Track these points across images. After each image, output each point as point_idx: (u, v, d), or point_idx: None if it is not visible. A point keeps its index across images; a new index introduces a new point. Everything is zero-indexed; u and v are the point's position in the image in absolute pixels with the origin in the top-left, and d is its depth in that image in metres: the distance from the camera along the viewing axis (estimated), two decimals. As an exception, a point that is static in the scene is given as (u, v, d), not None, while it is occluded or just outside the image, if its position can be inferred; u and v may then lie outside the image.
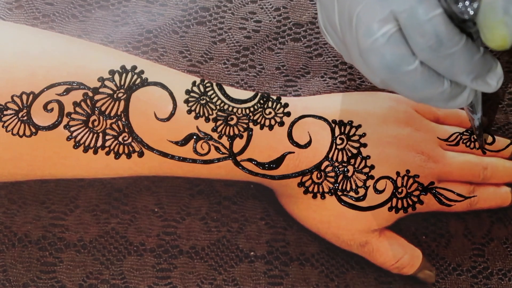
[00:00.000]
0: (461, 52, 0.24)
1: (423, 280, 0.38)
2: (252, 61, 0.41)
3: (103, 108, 0.33)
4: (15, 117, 0.32)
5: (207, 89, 0.35)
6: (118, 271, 0.37)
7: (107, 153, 0.33)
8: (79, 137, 0.32)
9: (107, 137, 0.33)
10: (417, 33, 0.24)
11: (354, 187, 0.35)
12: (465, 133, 0.38)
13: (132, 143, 0.33)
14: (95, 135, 0.33)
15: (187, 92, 0.34)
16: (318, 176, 0.35)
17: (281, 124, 0.35)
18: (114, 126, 0.33)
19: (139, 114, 0.33)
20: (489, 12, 0.22)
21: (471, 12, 0.23)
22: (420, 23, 0.24)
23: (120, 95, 0.33)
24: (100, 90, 0.33)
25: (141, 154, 0.33)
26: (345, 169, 0.35)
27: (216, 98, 0.34)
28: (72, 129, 0.32)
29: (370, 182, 0.35)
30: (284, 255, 0.38)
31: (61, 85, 0.32)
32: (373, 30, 0.25)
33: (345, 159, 0.35)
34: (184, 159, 0.34)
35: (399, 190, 0.36)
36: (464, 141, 0.38)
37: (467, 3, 0.23)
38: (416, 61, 0.25)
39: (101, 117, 0.33)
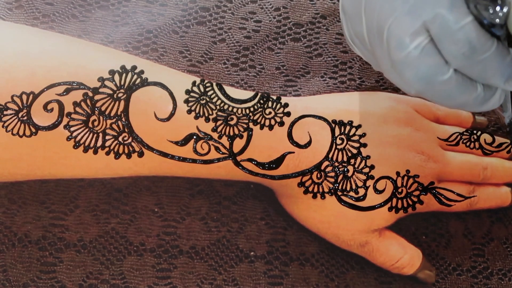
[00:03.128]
0: (493, 56, 0.25)
1: (423, 280, 0.38)
2: (252, 61, 0.41)
3: (103, 108, 0.33)
4: (15, 117, 0.32)
5: (207, 89, 0.35)
6: (118, 271, 0.37)
7: (107, 153, 0.33)
8: (79, 137, 0.32)
9: (107, 137, 0.33)
10: (450, 41, 0.24)
11: (354, 187, 0.35)
12: (465, 133, 0.38)
13: (132, 143, 0.33)
14: (95, 135, 0.33)
15: (187, 92, 0.34)
16: (318, 176, 0.35)
17: (281, 124, 0.35)
18: (114, 126, 0.33)
19: (139, 114, 0.33)
20: None
21: (502, 16, 0.23)
22: (452, 31, 0.24)
23: (120, 95, 0.33)
24: (100, 90, 0.33)
25: (141, 154, 0.33)
26: (345, 169, 0.35)
27: (216, 98, 0.34)
28: (72, 129, 0.32)
29: (370, 182, 0.35)
30: (284, 255, 0.38)
31: (61, 85, 0.32)
32: (406, 43, 0.25)
33: (345, 159, 0.35)
34: (184, 159, 0.34)
35: (399, 190, 0.36)
36: (464, 141, 0.38)
37: (497, 8, 0.23)
38: (450, 70, 0.26)
39: (101, 117, 0.33)
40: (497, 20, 0.23)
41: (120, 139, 0.33)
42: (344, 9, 0.29)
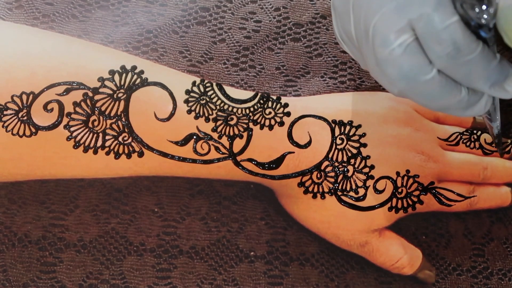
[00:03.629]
0: (478, 58, 0.24)
1: (423, 280, 0.38)
2: (252, 61, 0.41)
3: (103, 108, 0.33)
4: (15, 117, 0.32)
5: (207, 89, 0.35)
6: (118, 271, 0.37)
7: (107, 153, 0.33)
8: (79, 137, 0.32)
9: (107, 137, 0.33)
10: (434, 41, 0.24)
11: (354, 187, 0.35)
12: (465, 133, 0.38)
13: (132, 143, 0.33)
14: (95, 135, 0.33)
15: (187, 92, 0.34)
16: (318, 176, 0.35)
17: (281, 124, 0.35)
18: (114, 126, 0.33)
19: (139, 114, 0.33)
20: (510, 14, 0.22)
21: (488, 17, 0.23)
22: (437, 31, 0.24)
23: (120, 95, 0.33)
24: (100, 90, 0.33)
25: (141, 154, 0.33)
26: (345, 169, 0.35)
27: (216, 98, 0.34)
28: (72, 129, 0.32)
29: (370, 182, 0.35)
30: (284, 255, 0.38)
31: (61, 85, 0.32)
32: (390, 40, 0.25)
33: (345, 159, 0.35)
34: (184, 159, 0.34)
35: (399, 190, 0.36)
36: (464, 141, 0.38)
37: (484, 7, 0.23)
38: (434, 70, 0.25)
39: (101, 117, 0.33)
40: (483, 21, 0.23)
41: (120, 139, 0.33)
42: (335, 7, 0.29)
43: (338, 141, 0.35)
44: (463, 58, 0.24)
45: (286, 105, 0.35)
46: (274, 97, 0.35)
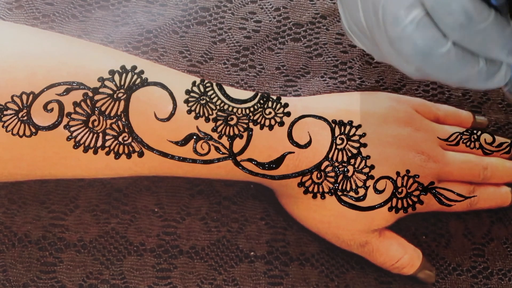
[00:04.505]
0: (492, 26, 0.24)
1: (423, 280, 0.38)
2: (252, 61, 0.41)
3: (103, 108, 0.33)
4: (15, 117, 0.32)
5: (207, 89, 0.35)
6: (118, 271, 0.37)
7: (107, 153, 0.33)
8: (79, 137, 0.32)
9: (107, 137, 0.33)
10: (445, 13, 0.24)
11: (354, 187, 0.35)
12: (465, 133, 0.38)
13: (132, 143, 0.33)
14: (95, 135, 0.33)
15: (187, 92, 0.34)
16: (318, 176, 0.35)
17: (281, 124, 0.35)
18: (114, 126, 0.33)
19: (139, 114, 0.33)
20: None
21: None
22: (447, 2, 0.24)
23: (120, 95, 0.33)
24: (100, 90, 0.33)
25: (141, 154, 0.33)
26: (345, 169, 0.35)
27: (216, 98, 0.34)
28: (72, 129, 0.32)
29: (370, 182, 0.35)
30: (284, 255, 0.38)
31: (61, 85, 0.32)
32: (401, 17, 0.25)
33: (345, 159, 0.35)
34: (184, 159, 0.34)
35: (399, 190, 0.36)
36: (464, 141, 0.38)
37: None
38: (449, 42, 0.25)
39: (101, 117, 0.33)
40: None
41: (120, 139, 0.33)
42: None
43: (338, 141, 0.35)
44: (476, 26, 0.24)
45: (286, 105, 0.35)
46: (274, 97, 0.35)
